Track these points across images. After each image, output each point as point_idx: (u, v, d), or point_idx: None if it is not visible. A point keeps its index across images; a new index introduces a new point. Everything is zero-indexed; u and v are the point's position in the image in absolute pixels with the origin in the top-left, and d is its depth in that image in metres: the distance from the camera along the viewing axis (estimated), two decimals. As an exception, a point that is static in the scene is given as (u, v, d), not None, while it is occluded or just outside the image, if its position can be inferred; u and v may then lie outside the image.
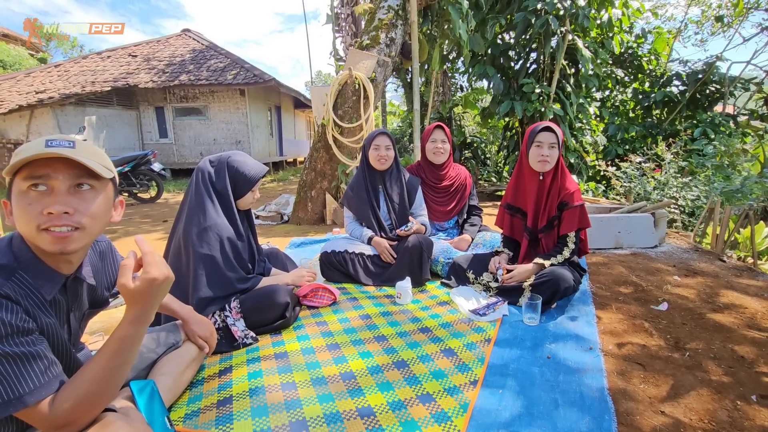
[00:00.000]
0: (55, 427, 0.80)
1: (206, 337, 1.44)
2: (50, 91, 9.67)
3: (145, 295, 0.87)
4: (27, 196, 0.80)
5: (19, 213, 0.80)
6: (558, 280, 1.92)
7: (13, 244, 0.86)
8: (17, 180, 0.81)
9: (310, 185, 4.69)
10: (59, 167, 0.81)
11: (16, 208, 0.81)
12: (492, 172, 8.43)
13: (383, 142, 2.52)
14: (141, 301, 0.87)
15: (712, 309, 2.04)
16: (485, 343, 1.69)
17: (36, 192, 0.80)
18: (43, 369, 0.81)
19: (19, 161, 0.78)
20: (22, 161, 0.78)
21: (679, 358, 1.59)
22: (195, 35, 13.19)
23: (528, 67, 6.46)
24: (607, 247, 3.19)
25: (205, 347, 1.43)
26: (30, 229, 0.81)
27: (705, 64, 7.53)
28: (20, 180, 0.80)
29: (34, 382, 0.79)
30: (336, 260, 2.48)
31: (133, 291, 0.86)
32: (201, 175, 1.82)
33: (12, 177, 0.82)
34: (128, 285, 0.85)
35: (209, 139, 11.36)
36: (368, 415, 1.25)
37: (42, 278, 0.86)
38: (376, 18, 4.76)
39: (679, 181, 4.72)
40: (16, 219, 0.82)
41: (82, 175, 0.84)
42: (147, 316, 0.89)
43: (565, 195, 2.06)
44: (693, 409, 1.30)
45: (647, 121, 7.83)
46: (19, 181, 0.80)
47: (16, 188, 0.81)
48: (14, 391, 0.76)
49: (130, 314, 0.88)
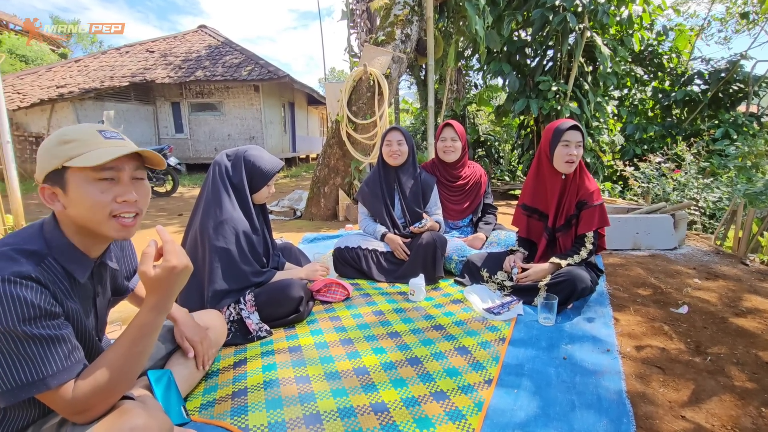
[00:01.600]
0: (74, 412, 0.81)
1: (194, 341, 1.32)
2: (70, 85, 9.89)
3: (164, 283, 0.87)
4: (98, 185, 0.85)
5: (89, 201, 0.84)
6: (575, 280, 1.89)
7: (45, 230, 0.89)
8: (83, 170, 0.84)
9: (323, 181, 4.70)
10: (125, 159, 0.88)
11: (82, 196, 0.84)
12: (505, 171, 8.35)
13: (395, 137, 2.51)
14: (160, 288, 0.88)
15: (735, 313, 1.98)
16: (500, 342, 1.67)
17: (106, 182, 0.86)
18: (67, 353, 0.82)
19: (102, 162, 0.82)
20: (106, 162, 0.83)
21: (701, 363, 1.55)
22: (211, 31, 13.33)
23: (544, 64, 6.37)
24: (625, 248, 3.12)
25: (190, 351, 1.30)
26: (100, 216, 0.86)
27: (728, 62, 7.32)
28: (89, 171, 0.84)
29: (58, 365, 0.80)
30: (349, 256, 2.48)
31: (153, 278, 0.86)
32: (218, 168, 1.84)
33: (65, 167, 0.84)
34: (149, 272, 0.86)
35: (224, 135, 11.48)
36: (382, 411, 1.24)
37: (74, 262, 0.89)
38: (392, 14, 4.74)
39: (700, 182, 4.61)
40: (80, 206, 0.85)
41: (140, 166, 0.92)
42: (166, 304, 0.90)
43: (585, 194, 2.01)
44: (715, 414, 1.26)
45: (667, 121, 7.66)
46: (88, 171, 0.84)
47: (81, 177, 0.84)
48: (38, 373, 0.77)
49: (149, 302, 0.88)
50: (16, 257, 0.80)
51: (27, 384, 0.77)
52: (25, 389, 0.77)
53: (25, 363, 0.77)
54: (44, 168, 0.85)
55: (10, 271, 0.77)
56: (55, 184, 0.86)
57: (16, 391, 0.77)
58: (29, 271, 0.79)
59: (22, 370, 0.77)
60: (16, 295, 0.76)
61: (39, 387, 0.78)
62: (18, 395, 0.77)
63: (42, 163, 0.86)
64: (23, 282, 0.78)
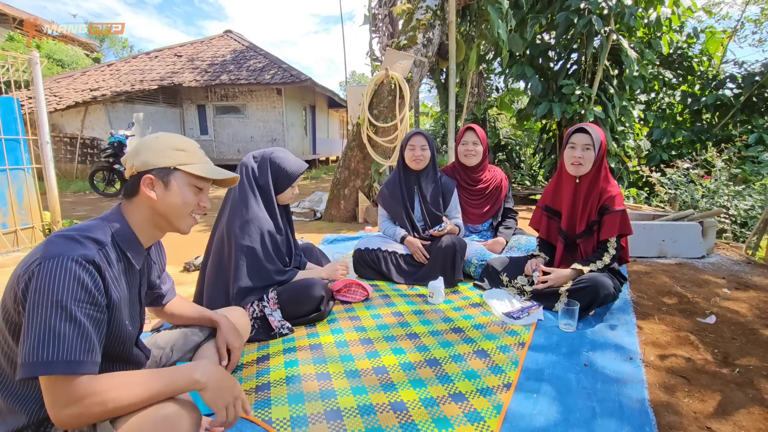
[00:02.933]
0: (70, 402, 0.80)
1: (235, 347, 1.36)
2: (103, 89, 10.30)
3: (214, 381, 0.93)
4: (192, 189, 1.07)
5: (183, 198, 1.05)
6: (597, 286, 1.86)
7: (110, 220, 1.00)
8: (189, 177, 1.05)
9: (344, 183, 4.75)
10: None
11: (180, 193, 1.04)
12: (526, 176, 8.24)
13: (419, 142, 2.53)
14: (210, 380, 0.92)
15: (766, 324, 1.91)
16: (519, 347, 1.66)
17: (196, 188, 1.08)
18: (90, 348, 0.84)
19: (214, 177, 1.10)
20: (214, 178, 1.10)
21: (728, 374, 1.51)
22: (236, 36, 13.66)
23: (568, 67, 6.27)
24: (650, 256, 3.05)
25: (224, 359, 1.34)
26: (184, 211, 1.06)
27: (763, 65, 7.04)
28: (192, 177, 1.06)
29: (83, 354, 0.82)
30: (369, 258, 2.51)
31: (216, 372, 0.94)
32: (245, 169, 1.90)
33: (174, 168, 1.04)
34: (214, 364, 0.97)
35: (246, 137, 11.74)
36: (401, 410, 1.26)
37: (133, 249, 1.02)
38: (414, 18, 4.77)
39: (731, 189, 4.45)
40: (174, 200, 1.03)
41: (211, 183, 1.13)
42: (199, 387, 0.92)
43: (607, 199, 1.99)
44: (743, 427, 1.23)
45: (696, 126, 7.42)
46: (191, 177, 1.06)
47: (184, 180, 1.05)
48: (71, 355, 0.80)
49: (195, 376, 0.91)
50: (83, 241, 0.90)
51: (49, 362, 0.78)
52: (47, 366, 0.78)
53: (57, 341, 0.80)
54: (152, 163, 1.02)
55: (79, 253, 0.86)
56: (160, 177, 1.02)
57: (42, 365, 0.78)
58: (93, 256, 0.88)
59: (51, 347, 0.79)
60: (77, 275, 0.84)
61: (66, 368, 0.79)
62: (42, 369, 0.78)
63: (151, 158, 1.02)
64: (86, 265, 0.86)
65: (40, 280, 0.82)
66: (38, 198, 3.63)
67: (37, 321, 0.80)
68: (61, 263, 0.84)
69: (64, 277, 0.83)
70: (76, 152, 9.88)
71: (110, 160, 6.98)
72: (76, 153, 9.88)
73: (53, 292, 0.82)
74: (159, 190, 1.02)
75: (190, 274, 2.88)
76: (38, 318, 0.81)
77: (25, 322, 0.81)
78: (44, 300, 0.81)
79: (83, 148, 9.92)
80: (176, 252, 3.18)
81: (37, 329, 0.80)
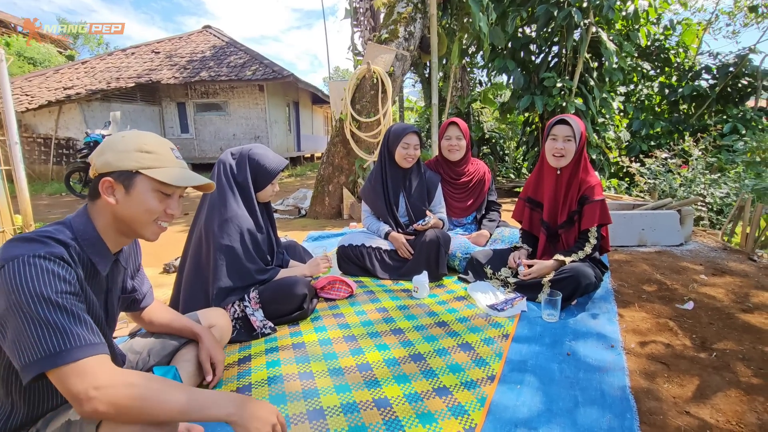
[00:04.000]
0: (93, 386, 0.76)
1: (219, 360, 1.33)
2: (77, 87, 9.99)
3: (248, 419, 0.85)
4: (156, 195, 0.97)
5: (146, 205, 0.96)
6: (579, 276, 1.88)
7: (74, 223, 0.94)
8: (151, 181, 0.95)
9: (328, 180, 4.71)
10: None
11: (142, 200, 0.95)
12: (510, 168, 8.31)
13: (413, 141, 2.46)
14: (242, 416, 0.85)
15: (742, 309, 1.96)
16: (503, 339, 1.67)
17: (162, 195, 0.98)
18: (91, 330, 0.82)
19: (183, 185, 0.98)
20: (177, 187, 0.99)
21: (706, 359, 1.54)
22: (215, 32, 13.39)
23: (549, 60, 6.32)
24: (630, 245, 3.10)
25: (209, 375, 1.31)
26: (147, 219, 0.97)
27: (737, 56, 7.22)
28: (157, 182, 0.96)
29: (84, 338, 0.79)
30: (353, 254, 2.49)
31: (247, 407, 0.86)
32: (223, 167, 1.85)
33: (136, 172, 0.94)
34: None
35: (229, 135, 11.54)
36: (385, 406, 1.25)
37: (99, 255, 0.95)
38: (395, 11, 4.73)
39: (707, 177, 4.56)
40: (136, 207, 0.95)
41: (185, 187, 1.03)
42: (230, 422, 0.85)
43: (587, 189, 2.01)
44: (720, 410, 1.26)
45: (674, 116, 7.58)
46: (155, 182, 0.96)
47: (148, 185, 0.95)
48: (65, 343, 0.76)
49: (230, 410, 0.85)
50: (46, 241, 0.85)
51: (51, 354, 0.75)
52: (50, 359, 0.75)
53: (52, 332, 0.76)
54: (113, 165, 0.93)
55: (44, 250, 0.82)
56: (120, 181, 0.94)
57: (40, 361, 0.75)
58: (61, 253, 0.84)
59: (48, 339, 0.76)
60: (49, 269, 0.80)
61: (63, 357, 0.75)
62: (41, 366, 0.75)
63: (112, 159, 0.93)
64: (55, 260, 0.82)
65: (9, 282, 0.76)
66: (8, 201, 3.50)
67: (23, 319, 0.76)
68: (28, 261, 0.79)
69: (37, 273, 0.78)
70: (51, 153, 9.57)
71: (86, 160, 6.78)
72: (51, 154, 9.57)
73: (30, 288, 0.77)
74: (119, 194, 0.94)
75: (170, 275, 2.81)
76: (23, 316, 0.76)
77: (10, 327, 0.76)
78: (23, 298, 0.76)
79: (58, 149, 9.61)
80: (156, 253, 3.11)
81: (25, 327, 0.75)
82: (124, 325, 1.95)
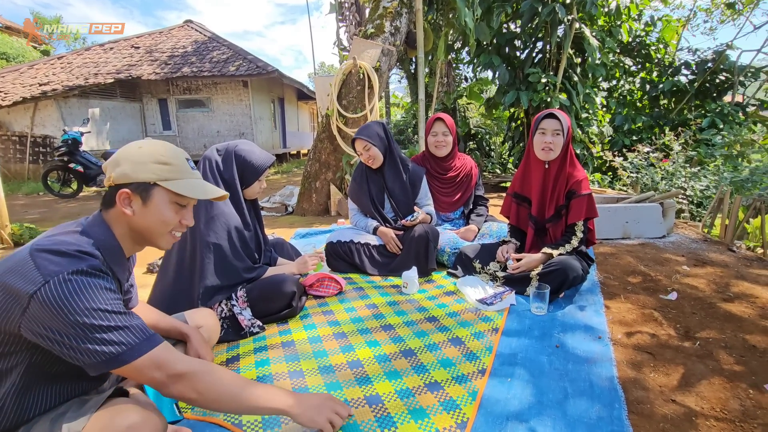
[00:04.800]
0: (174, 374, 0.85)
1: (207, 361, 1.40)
2: (54, 83, 9.67)
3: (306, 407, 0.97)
4: (173, 207, 0.99)
5: (163, 217, 0.97)
6: (566, 269, 1.90)
7: (93, 233, 0.93)
8: (168, 193, 0.97)
9: (315, 176, 4.67)
10: None
11: (159, 211, 0.97)
12: (496, 164, 8.37)
13: (360, 146, 2.45)
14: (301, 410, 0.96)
15: (723, 299, 2.01)
16: (493, 333, 1.68)
17: (178, 206, 1.00)
18: (143, 323, 0.88)
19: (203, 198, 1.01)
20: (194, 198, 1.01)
21: (690, 347, 1.58)
22: (197, 26, 13.11)
23: (534, 56, 6.37)
24: (615, 238, 3.16)
25: None
26: (164, 229, 0.99)
27: (714, 52, 7.40)
28: (173, 194, 0.97)
29: (144, 331, 0.86)
30: (342, 250, 2.47)
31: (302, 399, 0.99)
32: (208, 163, 1.81)
33: (154, 184, 0.95)
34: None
35: (212, 131, 11.35)
36: (376, 403, 1.25)
37: (118, 264, 0.97)
38: (381, 6, 4.70)
39: (687, 171, 4.67)
40: (153, 218, 0.96)
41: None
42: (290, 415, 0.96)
43: (574, 183, 2.03)
44: (704, 397, 1.29)
45: (655, 111, 7.73)
46: (172, 194, 0.97)
47: (165, 197, 0.97)
48: (132, 339, 0.83)
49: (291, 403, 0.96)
50: (81, 256, 0.85)
51: (123, 352, 0.81)
52: (122, 357, 0.81)
53: (116, 332, 0.82)
54: (130, 176, 0.93)
55: (85, 264, 0.83)
56: (137, 193, 0.94)
57: (113, 360, 0.81)
58: (98, 265, 0.85)
59: (115, 339, 0.81)
60: (96, 284, 0.82)
61: (134, 353, 0.82)
62: (115, 363, 0.81)
63: (130, 171, 0.93)
64: (97, 273, 0.84)
65: (59, 300, 0.77)
66: (-17, 201, 3.37)
67: (85, 332, 0.79)
68: (73, 278, 0.80)
69: (84, 289, 0.80)
70: (27, 151, 9.25)
71: (65, 158, 6.58)
72: (27, 152, 9.25)
73: (85, 304, 0.79)
74: (136, 206, 0.95)
75: (154, 275, 2.75)
76: (84, 330, 0.79)
77: (70, 338, 0.78)
78: (79, 317, 0.78)
79: (34, 147, 9.30)
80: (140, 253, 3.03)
81: (89, 336, 0.79)
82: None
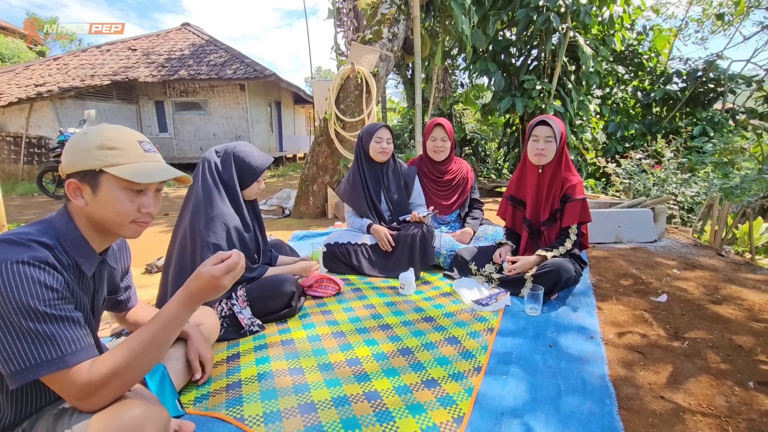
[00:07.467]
0: (84, 396, 0.80)
1: (207, 358, 1.36)
2: (49, 84, 9.64)
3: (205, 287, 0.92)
4: (127, 194, 0.90)
5: (117, 207, 0.90)
6: (560, 270, 1.95)
7: (57, 223, 0.90)
8: (116, 179, 0.89)
9: (312, 179, 4.70)
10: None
11: (112, 200, 0.89)
12: (492, 169, 8.44)
13: (385, 134, 2.56)
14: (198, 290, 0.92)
15: (711, 301, 2.07)
16: (488, 332, 1.71)
17: (133, 192, 0.91)
18: (83, 334, 0.83)
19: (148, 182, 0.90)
20: (149, 183, 0.91)
21: (679, 347, 1.62)
22: (195, 29, 13.14)
23: (529, 63, 6.47)
24: (608, 242, 3.21)
25: (198, 372, 1.34)
26: (122, 220, 0.91)
27: (705, 62, 7.54)
28: (124, 180, 0.89)
29: (75, 344, 0.81)
30: (339, 252, 2.50)
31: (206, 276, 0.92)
32: (207, 165, 1.84)
33: (100, 170, 0.88)
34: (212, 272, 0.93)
35: (209, 134, 11.34)
36: (375, 399, 1.28)
37: (84, 256, 0.91)
38: (379, 12, 4.76)
39: (678, 177, 4.75)
40: (107, 208, 0.90)
41: (162, 181, 0.97)
42: (195, 305, 0.94)
43: (569, 188, 2.08)
44: (692, 394, 1.33)
45: (647, 119, 7.85)
46: (122, 180, 0.89)
47: (114, 184, 0.89)
48: (56, 351, 0.78)
49: (182, 297, 0.92)
50: (32, 245, 0.82)
51: (43, 362, 0.77)
52: (41, 367, 0.77)
53: (42, 341, 0.77)
54: (77, 165, 0.88)
55: (28, 255, 0.79)
56: (85, 182, 0.88)
57: (31, 369, 0.76)
58: (46, 257, 0.81)
59: (38, 348, 0.77)
60: (34, 276, 0.78)
61: (58, 365, 0.78)
62: (32, 374, 0.77)
63: (75, 159, 0.88)
64: (40, 266, 0.80)
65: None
66: (-21, 201, 3.36)
67: (11, 331, 0.76)
68: (12, 268, 0.77)
69: (21, 282, 0.77)
70: (22, 152, 9.20)
71: (60, 159, 6.56)
72: (22, 153, 9.20)
73: (16, 298, 0.76)
74: (87, 196, 0.89)
75: (153, 276, 2.76)
76: (10, 328, 0.76)
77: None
78: (9, 310, 0.76)
79: (29, 148, 9.25)
80: (138, 253, 3.03)
81: (13, 338, 0.76)
82: (107, 325, 1.91)
